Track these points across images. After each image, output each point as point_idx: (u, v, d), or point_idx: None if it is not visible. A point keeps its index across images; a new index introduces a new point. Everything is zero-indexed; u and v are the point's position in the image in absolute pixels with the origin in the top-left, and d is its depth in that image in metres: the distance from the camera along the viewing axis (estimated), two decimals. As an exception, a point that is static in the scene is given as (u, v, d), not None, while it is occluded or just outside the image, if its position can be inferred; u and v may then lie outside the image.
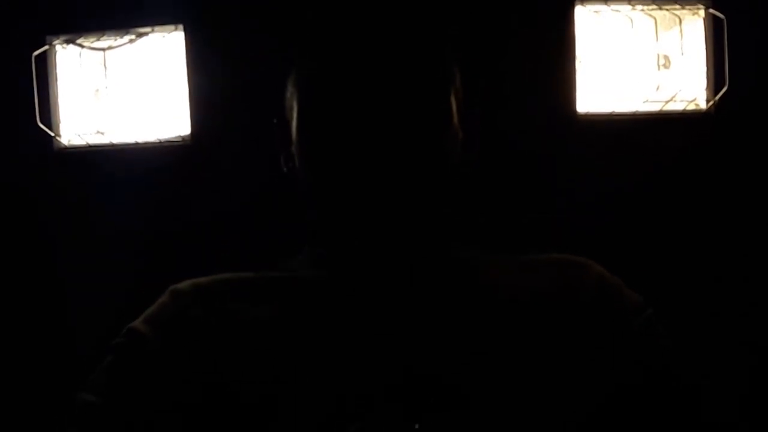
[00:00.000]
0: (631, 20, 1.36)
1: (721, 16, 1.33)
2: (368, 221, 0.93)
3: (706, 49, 1.35)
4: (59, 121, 1.42)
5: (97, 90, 1.41)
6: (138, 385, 0.92)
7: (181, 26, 1.39)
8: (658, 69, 1.37)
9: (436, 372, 0.88)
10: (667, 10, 1.36)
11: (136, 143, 1.40)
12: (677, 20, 1.37)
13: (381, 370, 0.88)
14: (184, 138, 1.40)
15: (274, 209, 1.37)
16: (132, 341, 0.95)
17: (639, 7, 1.36)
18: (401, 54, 0.93)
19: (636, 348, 0.94)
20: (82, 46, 1.41)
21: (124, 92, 1.40)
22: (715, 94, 1.35)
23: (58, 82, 1.42)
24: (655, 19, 1.36)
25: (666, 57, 1.37)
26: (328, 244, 1.01)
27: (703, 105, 1.37)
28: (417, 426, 0.84)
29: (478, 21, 1.37)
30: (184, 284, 0.99)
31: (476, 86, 1.04)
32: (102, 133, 1.41)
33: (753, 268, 1.37)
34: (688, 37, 1.37)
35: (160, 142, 1.40)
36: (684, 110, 1.37)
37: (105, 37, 1.40)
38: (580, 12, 1.36)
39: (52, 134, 1.41)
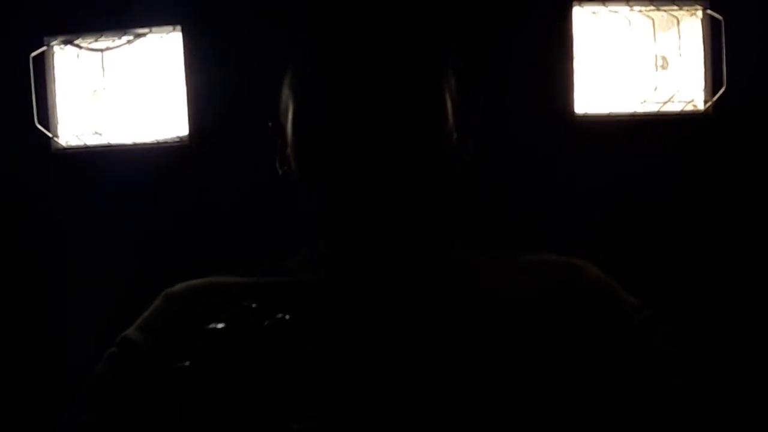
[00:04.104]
0: (629, 21, 1.36)
1: (719, 17, 1.33)
2: (365, 224, 0.93)
3: (704, 50, 1.35)
4: (57, 122, 1.42)
5: (95, 91, 1.41)
6: (131, 396, 0.92)
7: (178, 27, 1.39)
8: (656, 70, 1.37)
9: (435, 378, 0.88)
10: (664, 11, 1.36)
11: (134, 144, 1.40)
12: (675, 21, 1.37)
13: (379, 377, 0.88)
14: (181, 139, 1.40)
15: (271, 210, 1.37)
16: (125, 351, 0.95)
17: (637, 8, 1.36)
18: (395, 56, 0.94)
19: (633, 349, 0.94)
20: (79, 47, 1.41)
21: (121, 93, 1.40)
22: (713, 95, 1.35)
23: (56, 83, 1.41)
24: (652, 20, 1.36)
25: (664, 58, 1.37)
26: (326, 246, 1.01)
27: (700, 106, 1.37)
28: None
29: (475, 22, 1.37)
30: (177, 287, 1.00)
31: (474, 87, 1.05)
32: (100, 134, 1.41)
33: (751, 269, 1.37)
34: (686, 38, 1.36)
35: (158, 143, 1.40)
36: (682, 111, 1.37)
37: (103, 38, 1.40)
38: (578, 13, 1.36)
39: (50, 135, 1.41)
